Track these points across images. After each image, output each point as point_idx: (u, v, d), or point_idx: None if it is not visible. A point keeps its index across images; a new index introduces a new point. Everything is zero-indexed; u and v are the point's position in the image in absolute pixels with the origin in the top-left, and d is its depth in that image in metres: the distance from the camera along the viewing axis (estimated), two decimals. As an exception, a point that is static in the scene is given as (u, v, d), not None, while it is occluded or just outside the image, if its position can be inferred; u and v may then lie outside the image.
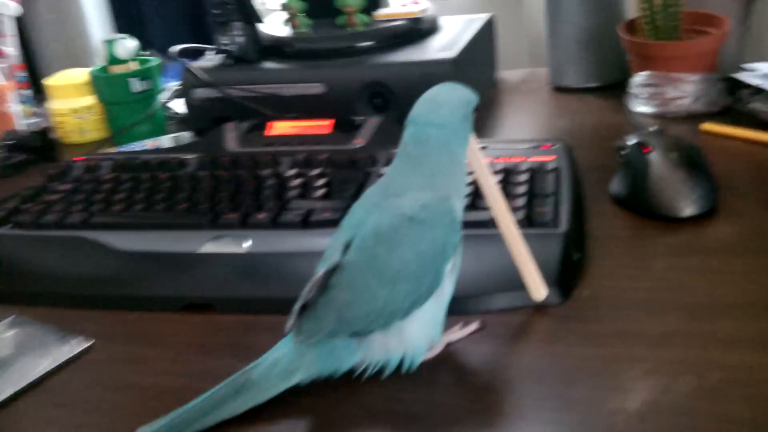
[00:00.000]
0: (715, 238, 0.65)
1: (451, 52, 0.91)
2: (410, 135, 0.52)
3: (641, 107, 0.92)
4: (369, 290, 0.49)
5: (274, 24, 1.07)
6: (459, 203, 0.52)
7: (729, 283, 0.58)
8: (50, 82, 1.09)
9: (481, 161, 0.54)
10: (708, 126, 0.85)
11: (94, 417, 0.52)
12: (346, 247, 0.50)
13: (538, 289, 0.57)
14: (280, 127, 0.87)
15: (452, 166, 0.52)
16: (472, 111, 0.53)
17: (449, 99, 0.53)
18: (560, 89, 1.05)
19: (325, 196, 0.72)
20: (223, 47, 0.99)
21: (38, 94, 1.19)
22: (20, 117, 1.11)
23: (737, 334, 0.52)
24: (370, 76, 0.91)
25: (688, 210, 0.67)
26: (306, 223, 0.68)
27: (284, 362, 0.50)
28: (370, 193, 0.53)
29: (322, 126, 0.86)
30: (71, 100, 1.07)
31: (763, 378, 0.48)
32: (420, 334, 0.51)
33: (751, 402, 0.46)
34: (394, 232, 0.49)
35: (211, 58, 1.03)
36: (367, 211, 0.51)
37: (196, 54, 1.07)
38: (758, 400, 0.46)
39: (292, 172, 0.77)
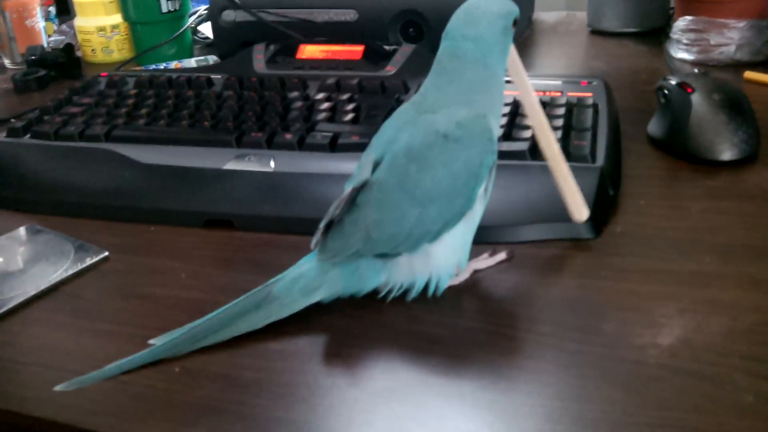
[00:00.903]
0: (754, 183, 0.62)
1: (490, -15, 0.88)
2: (445, 49, 0.50)
3: (682, 53, 0.89)
4: (398, 210, 0.47)
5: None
6: (495, 122, 0.49)
7: (766, 227, 0.56)
8: (77, -1, 1.08)
9: (523, 76, 0.52)
10: (752, 74, 0.82)
11: (108, 324, 0.51)
12: (376, 164, 0.49)
13: (580, 210, 0.54)
14: (310, 51, 0.85)
15: (489, 81, 0.49)
16: (512, 23, 0.50)
17: (487, 11, 0.49)
18: (598, 32, 1.02)
19: (354, 121, 0.70)
20: (255, -31, 0.96)
21: (67, 13, 1.17)
22: (44, 33, 1.09)
23: (773, 277, 0.51)
24: (405, 4, 0.89)
25: (728, 154, 0.64)
26: (333, 145, 0.66)
27: (307, 278, 0.48)
28: (403, 110, 0.51)
29: (353, 51, 0.84)
30: (97, 18, 1.06)
31: (802, 321, 0.46)
32: (447, 257, 0.49)
33: (788, 344, 0.45)
34: (428, 149, 0.47)
35: (242, -19, 1.01)
36: (399, 128, 0.49)
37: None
38: (796, 343, 0.45)
39: (320, 95, 0.75)
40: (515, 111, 0.68)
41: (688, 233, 0.56)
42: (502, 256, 0.54)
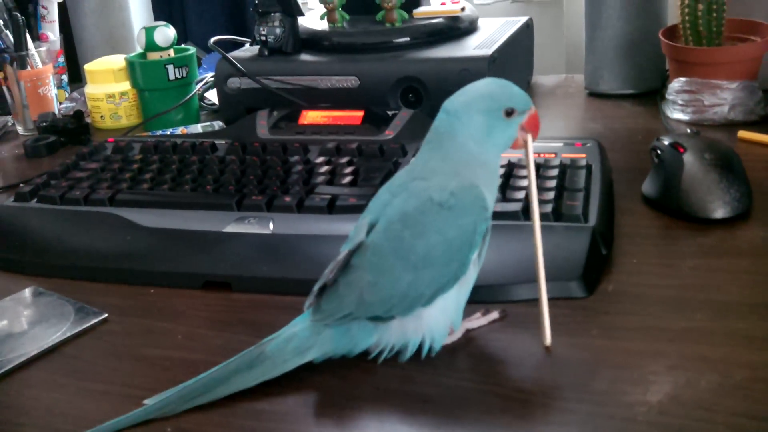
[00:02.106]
0: (746, 240, 0.63)
1: (487, 50, 0.90)
2: (437, 120, 0.51)
3: (677, 114, 0.91)
4: (393, 273, 0.48)
5: (312, 18, 1.07)
6: (488, 193, 0.50)
7: (758, 284, 0.57)
8: (88, 67, 1.10)
9: (532, 174, 0.52)
10: (745, 134, 0.83)
11: (104, 385, 0.52)
12: (371, 227, 0.50)
13: (545, 336, 0.52)
14: (312, 117, 0.87)
15: (474, 159, 0.49)
16: (505, 110, 0.49)
17: (477, 93, 0.50)
18: (596, 95, 1.04)
19: (352, 183, 0.72)
20: (261, 38, 0.99)
21: (78, 81, 1.20)
22: (56, 101, 1.12)
23: (764, 333, 0.51)
24: (404, 71, 0.91)
25: (720, 212, 0.65)
26: (331, 207, 0.68)
27: (299, 338, 0.49)
28: (398, 176, 0.52)
29: (353, 117, 0.85)
30: (106, 85, 1.08)
31: (791, 378, 0.46)
32: (440, 320, 0.50)
33: (777, 401, 0.45)
34: (422, 216, 0.48)
35: (247, 49, 1.04)
36: (393, 193, 0.51)
37: (234, 46, 1.08)
38: (785, 399, 0.45)
39: (320, 159, 0.77)
40: (509, 172, 0.69)
41: (680, 291, 0.57)
42: (494, 315, 0.55)
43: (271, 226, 0.66)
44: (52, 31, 1.24)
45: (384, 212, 0.49)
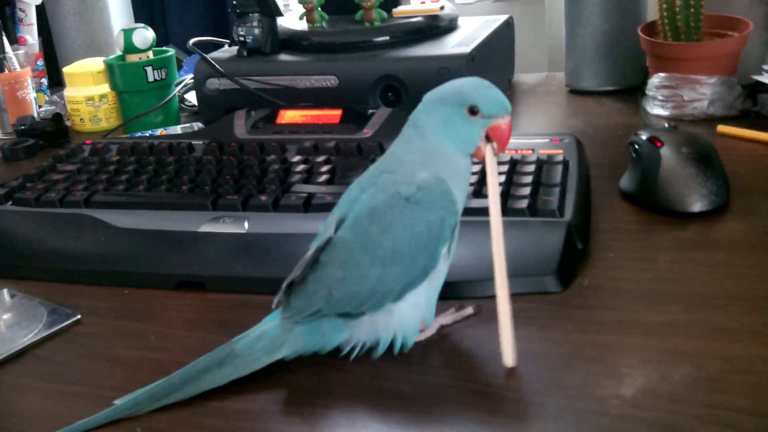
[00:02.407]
0: (723, 233, 0.63)
1: (466, 48, 0.90)
2: (412, 113, 0.51)
3: (657, 109, 0.90)
4: (360, 269, 0.47)
5: (291, 18, 1.07)
6: (456, 190, 0.49)
7: (735, 277, 0.56)
8: (67, 70, 1.10)
9: (494, 181, 0.50)
10: (724, 128, 0.83)
11: (77, 387, 0.51)
12: (340, 223, 0.49)
13: (508, 355, 0.48)
14: (290, 116, 0.86)
15: (437, 151, 0.49)
16: (468, 107, 0.48)
17: (450, 85, 0.50)
18: (577, 92, 1.04)
19: (329, 182, 0.71)
20: (239, 38, 0.98)
21: (59, 85, 1.19)
22: (35, 104, 1.11)
23: (739, 325, 0.51)
24: (383, 70, 0.91)
25: (697, 205, 0.65)
26: (307, 206, 0.67)
27: (269, 336, 0.49)
28: (368, 170, 0.52)
29: (331, 116, 0.85)
30: (86, 88, 1.08)
31: (764, 369, 0.46)
32: (411, 315, 0.49)
33: (749, 392, 0.44)
34: (389, 211, 0.48)
35: (226, 50, 1.03)
36: (362, 188, 0.50)
37: (215, 47, 1.07)
38: (757, 390, 0.44)
39: (297, 158, 0.77)
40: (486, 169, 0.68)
41: (655, 284, 0.56)
42: (468, 311, 0.54)
43: (246, 225, 0.66)
44: (31, 34, 1.24)
45: (352, 207, 0.49)
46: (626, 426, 0.43)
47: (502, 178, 0.66)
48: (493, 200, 0.49)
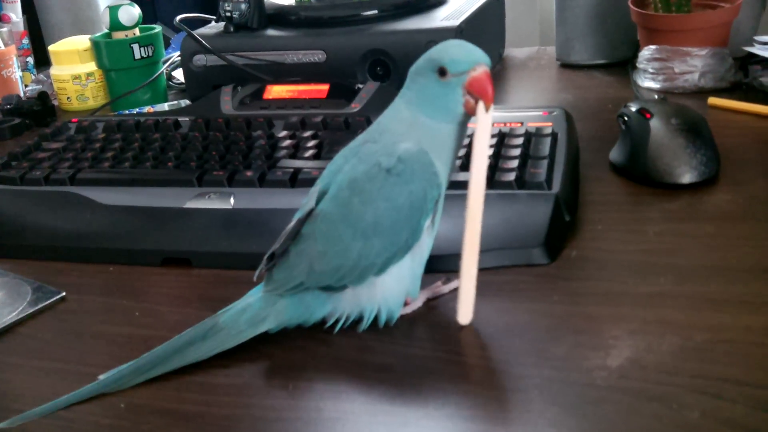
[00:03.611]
0: (713, 204, 0.62)
1: (455, 21, 0.89)
2: (401, 89, 0.50)
3: (648, 82, 0.90)
4: (342, 242, 0.47)
5: (279, -7, 1.06)
6: (440, 162, 0.48)
7: (723, 248, 0.56)
8: (53, 48, 1.08)
9: (483, 139, 0.48)
10: (715, 100, 0.83)
11: (59, 363, 0.51)
12: (322, 194, 0.49)
13: (466, 314, 0.49)
14: (277, 92, 0.85)
15: (418, 121, 0.48)
16: (437, 69, 0.47)
17: (421, 57, 0.48)
18: (567, 66, 1.03)
19: (315, 157, 0.71)
20: (226, 14, 0.97)
21: (46, 64, 1.18)
22: (21, 83, 1.10)
23: (727, 296, 0.50)
24: (372, 44, 0.90)
25: (686, 177, 0.64)
26: (294, 181, 0.67)
27: (253, 309, 0.48)
28: (354, 140, 0.51)
29: (319, 90, 0.84)
30: (72, 66, 1.06)
31: (751, 339, 0.46)
32: (394, 289, 0.49)
33: (736, 361, 0.44)
34: (370, 182, 0.47)
35: (212, 26, 1.02)
36: (346, 158, 0.50)
37: (202, 24, 1.06)
38: (744, 360, 0.44)
39: (284, 133, 0.76)
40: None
41: (644, 256, 0.56)
42: (455, 284, 0.54)
43: (232, 201, 0.65)
44: (15, 12, 1.22)
45: (335, 179, 0.48)
46: (613, 396, 0.42)
47: (490, 151, 0.65)
48: (479, 156, 0.47)
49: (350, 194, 0.47)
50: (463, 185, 0.59)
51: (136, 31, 1.04)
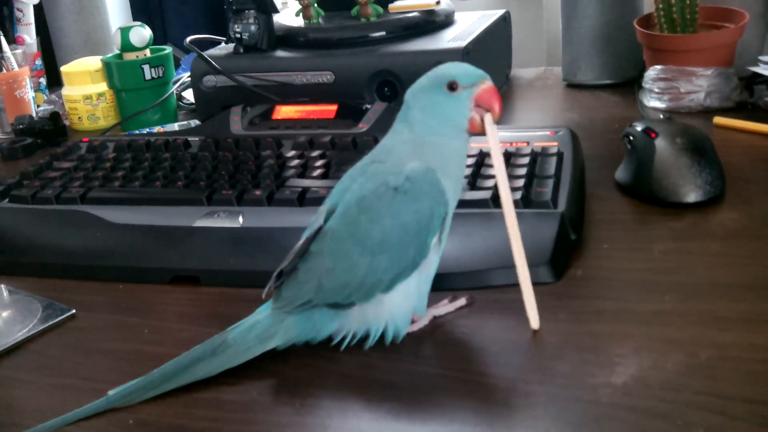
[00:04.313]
0: (718, 223, 0.63)
1: (462, 42, 0.90)
2: (399, 113, 0.51)
3: (654, 102, 0.90)
4: (350, 259, 0.47)
5: (287, 15, 1.07)
6: (447, 179, 0.49)
7: (729, 266, 0.56)
8: (65, 69, 1.10)
9: (496, 153, 0.50)
10: (721, 120, 0.83)
11: (70, 380, 0.51)
12: (330, 213, 0.49)
13: (535, 319, 0.51)
14: (285, 112, 0.86)
15: (425, 140, 0.49)
16: (447, 84, 0.48)
17: (422, 77, 0.50)
18: (574, 86, 1.04)
19: (323, 176, 0.71)
20: (236, 35, 0.98)
21: (59, 84, 1.20)
22: (33, 103, 1.12)
23: (732, 314, 0.50)
24: (379, 65, 0.91)
25: (692, 196, 0.65)
26: (302, 200, 0.67)
27: (262, 326, 0.49)
28: (361, 161, 0.52)
29: (327, 111, 0.85)
30: (83, 87, 1.08)
31: (756, 356, 0.46)
32: (402, 306, 0.49)
33: (742, 379, 0.44)
34: (378, 200, 0.48)
35: (222, 47, 1.03)
36: (353, 178, 0.50)
37: (212, 45, 1.08)
38: (750, 378, 0.44)
39: (292, 153, 0.77)
40: (480, 162, 0.68)
41: (649, 274, 0.56)
42: (461, 302, 0.54)
43: (240, 219, 0.66)
44: (29, 34, 1.24)
45: (343, 197, 0.49)
46: (617, 414, 0.43)
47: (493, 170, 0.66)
48: (499, 169, 0.49)
49: (358, 212, 0.48)
50: (467, 204, 0.61)
51: (147, 52, 1.05)
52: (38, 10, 1.27)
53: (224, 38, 1.08)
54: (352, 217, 0.48)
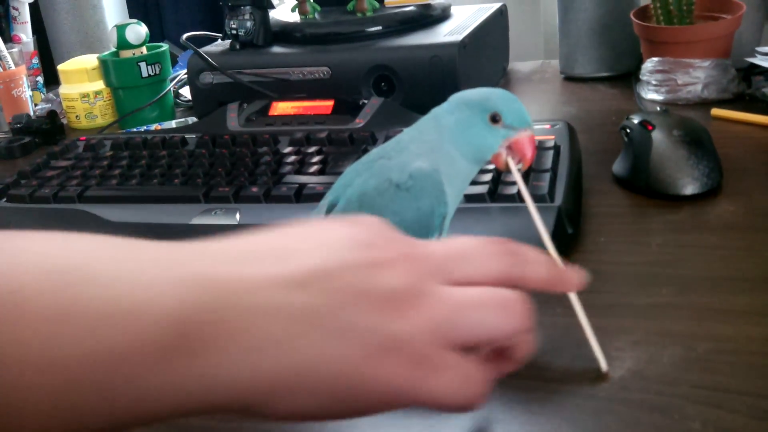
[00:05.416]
0: (715, 215, 0.63)
1: (458, 36, 0.90)
2: (436, 109, 0.50)
3: (652, 94, 0.90)
4: None
5: (283, 10, 1.07)
6: (449, 186, 0.48)
7: (726, 259, 0.56)
8: (62, 67, 1.10)
9: (528, 194, 0.50)
10: (718, 111, 0.83)
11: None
12: (331, 207, 0.49)
13: (603, 360, 0.47)
14: (282, 108, 0.86)
15: (444, 147, 0.48)
16: (491, 114, 0.47)
17: (480, 90, 0.49)
18: (571, 78, 1.04)
19: (320, 172, 0.71)
20: (232, 32, 0.98)
21: (56, 83, 1.20)
22: (30, 102, 1.12)
23: (729, 306, 0.50)
24: (376, 60, 0.90)
25: (689, 188, 0.65)
26: (299, 196, 0.67)
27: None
28: (368, 154, 0.52)
29: (323, 106, 0.85)
30: (80, 85, 1.08)
31: (754, 349, 0.46)
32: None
33: (739, 372, 0.44)
34: (379, 196, 0.48)
35: (218, 44, 1.03)
36: (358, 172, 0.50)
37: (209, 42, 1.08)
38: (747, 370, 0.44)
39: (289, 149, 0.77)
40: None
41: (646, 267, 0.56)
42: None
43: (237, 216, 0.66)
44: (25, 33, 1.24)
45: (344, 192, 0.49)
46: (616, 407, 0.43)
47: (491, 165, 0.66)
48: (534, 212, 0.49)
49: (359, 207, 0.48)
50: (468, 198, 0.60)
51: (144, 50, 1.05)
52: (34, 8, 1.27)
53: (220, 35, 1.08)
54: (353, 212, 0.48)
